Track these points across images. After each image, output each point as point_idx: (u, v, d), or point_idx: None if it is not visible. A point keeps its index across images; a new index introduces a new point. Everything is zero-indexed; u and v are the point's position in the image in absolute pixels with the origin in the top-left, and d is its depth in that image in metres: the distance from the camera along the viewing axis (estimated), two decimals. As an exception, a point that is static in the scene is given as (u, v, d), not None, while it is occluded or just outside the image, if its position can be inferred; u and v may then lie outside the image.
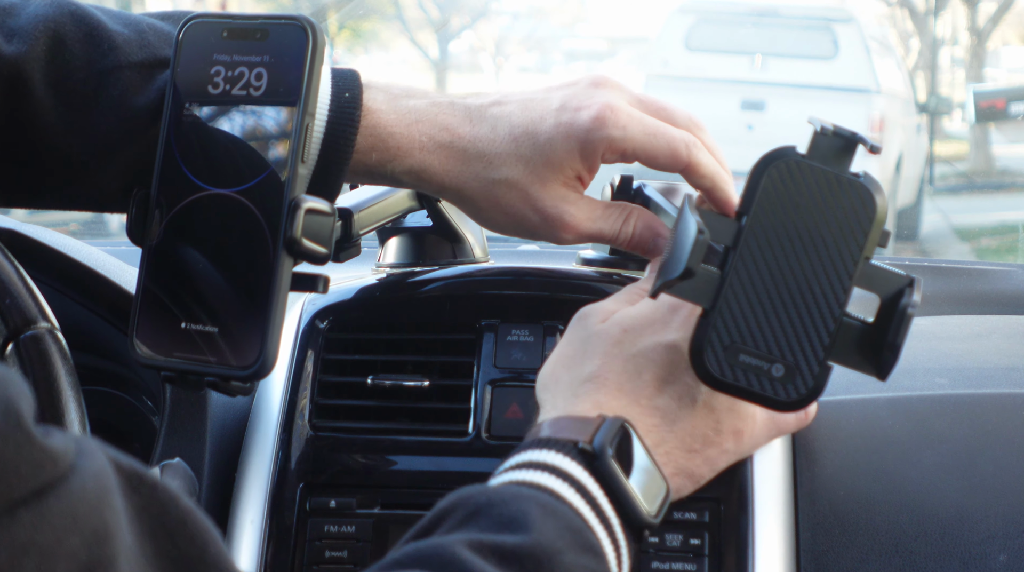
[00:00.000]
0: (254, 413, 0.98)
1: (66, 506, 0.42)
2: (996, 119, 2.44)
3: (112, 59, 0.80)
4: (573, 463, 0.71)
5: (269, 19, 0.78)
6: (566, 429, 0.73)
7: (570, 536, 0.67)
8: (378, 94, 0.82)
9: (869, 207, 0.73)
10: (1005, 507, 0.85)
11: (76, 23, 0.81)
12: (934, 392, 0.95)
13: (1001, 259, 5.62)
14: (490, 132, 0.82)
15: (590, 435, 0.72)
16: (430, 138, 0.82)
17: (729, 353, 0.72)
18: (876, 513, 0.85)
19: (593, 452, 0.71)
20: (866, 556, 0.84)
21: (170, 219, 0.78)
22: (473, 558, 0.62)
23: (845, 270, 0.72)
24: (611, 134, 0.81)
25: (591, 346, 0.78)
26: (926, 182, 7.70)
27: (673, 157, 0.82)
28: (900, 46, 9.90)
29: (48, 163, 0.81)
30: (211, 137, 0.77)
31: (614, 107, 0.81)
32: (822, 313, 0.72)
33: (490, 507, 0.67)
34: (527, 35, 13.97)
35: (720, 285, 0.72)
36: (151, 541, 0.46)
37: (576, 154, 0.82)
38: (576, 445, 0.72)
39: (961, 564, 0.83)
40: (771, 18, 7.98)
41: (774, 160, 0.73)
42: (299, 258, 0.76)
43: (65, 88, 0.80)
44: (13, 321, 0.80)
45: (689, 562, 0.84)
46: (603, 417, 0.73)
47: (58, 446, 0.44)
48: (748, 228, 0.73)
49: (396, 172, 0.82)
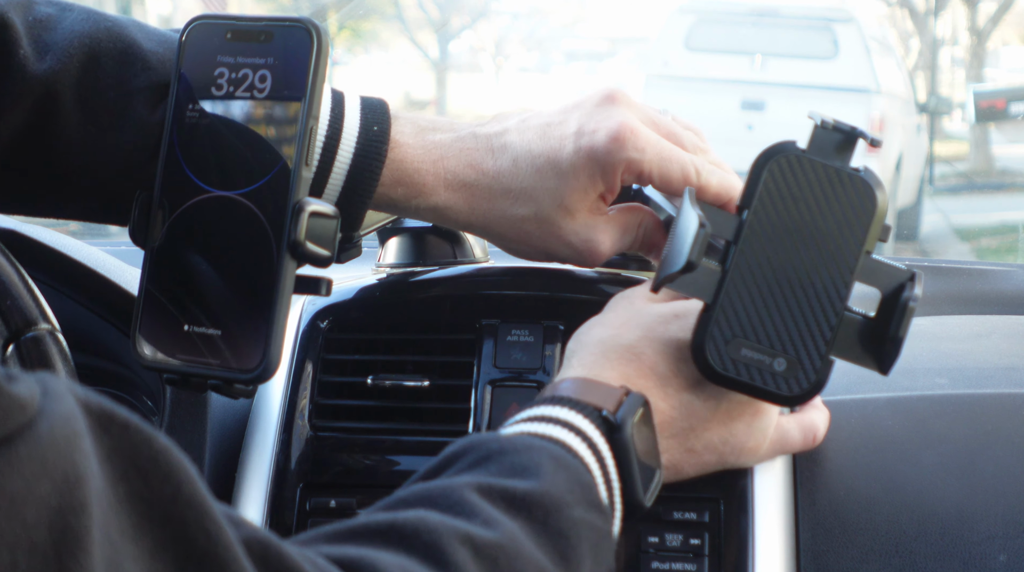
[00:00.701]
0: (254, 413, 0.98)
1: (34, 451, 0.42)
2: (996, 119, 2.44)
3: (144, 78, 0.80)
4: (592, 426, 0.71)
5: (273, 21, 0.78)
6: (590, 393, 0.73)
7: (579, 490, 0.67)
8: (405, 126, 0.83)
9: (869, 201, 0.73)
10: (1005, 507, 0.85)
11: (112, 40, 0.80)
12: (934, 392, 0.95)
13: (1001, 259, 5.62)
14: (512, 166, 0.83)
15: (615, 405, 0.72)
16: (455, 176, 0.83)
17: (731, 348, 0.72)
18: (876, 513, 0.85)
19: (615, 423, 0.71)
20: (866, 556, 0.84)
21: (173, 221, 0.78)
22: (480, 501, 0.62)
23: (846, 264, 0.72)
24: (630, 156, 0.81)
25: (636, 318, 0.78)
26: (926, 182, 7.70)
27: (685, 180, 0.82)
28: (900, 46, 9.89)
29: (70, 179, 0.81)
30: (215, 139, 0.78)
31: (632, 128, 0.81)
32: (823, 307, 0.72)
33: (502, 454, 0.67)
34: (527, 35, 13.97)
35: (721, 280, 0.72)
36: (123, 482, 0.45)
37: (598, 177, 0.82)
38: (600, 412, 0.71)
39: (961, 564, 0.83)
40: (771, 18, 7.98)
41: (775, 155, 0.73)
42: (303, 261, 0.76)
43: (93, 107, 0.80)
44: (14, 322, 0.80)
45: (689, 562, 0.84)
46: (627, 390, 0.73)
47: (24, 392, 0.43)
48: (749, 223, 0.73)
49: (421, 208, 0.83)
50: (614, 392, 0.73)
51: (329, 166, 0.80)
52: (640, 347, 0.77)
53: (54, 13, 0.81)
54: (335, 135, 0.80)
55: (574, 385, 0.74)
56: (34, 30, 0.80)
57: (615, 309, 0.80)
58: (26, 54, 0.79)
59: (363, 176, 0.81)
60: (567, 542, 0.64)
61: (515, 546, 0.61)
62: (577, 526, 0.65)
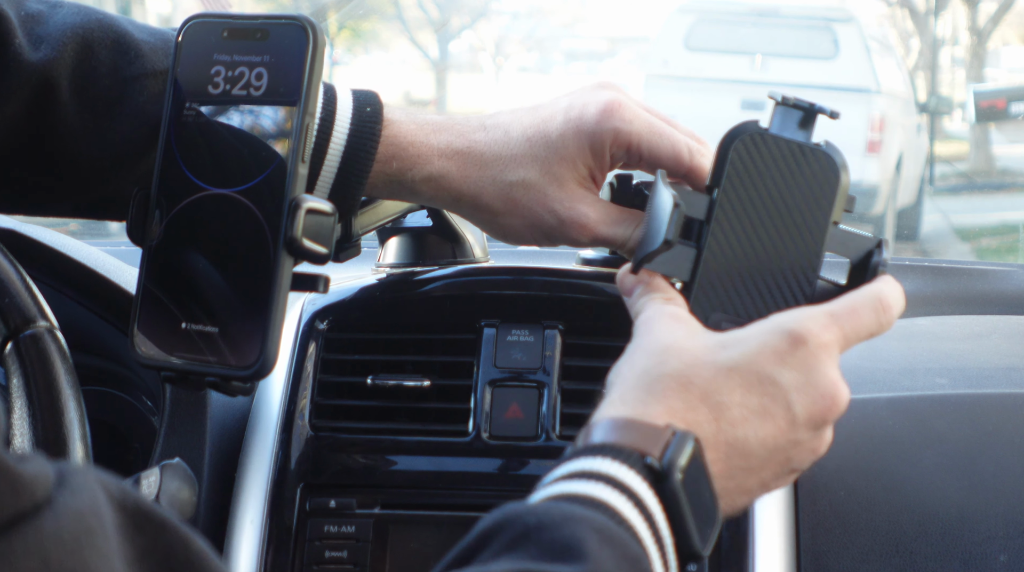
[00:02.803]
0: (254, 413, 0.98)
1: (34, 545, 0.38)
2: (996, 119, 2.44)
3: (138, 66, 0.81)
4: (638, 478, 0.63)
5: (269, 19, 0.78)
6: (631, 436, 0.65)
7: (628, 567, 0.59)
8: (396, 110, 0.84)
9: (833, 174, 0.75)
10: (1005, 507, 0.85)
11: (103, 30, 0.81)
12: (934, 392, 0.95)
13: (1001, 259, 5.62)
14: (504, 136, 0.84)
15: (661, 449, 0.64)
16: (448, 145, 0.83)
17: (711, 324, 0.73)
18: (876, 513, 0.85)
19: (661, 471, 0.64)
20: (866, 556, 0.84)
21: (170, 219, 0.78)
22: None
23: (815, 235, 0.74)
24: (617, 126, 0.82)
25: (681, 342, 0.70)
26: (926, 182, 7.70)
27: (676, 158, 0.82)
28: (900, 46, 9.90)
29: (67, 170, 0.81)
30: (211, 137, 0.77)
31: (621, 102, 0.83)
32: (797, 279, 0.74)
33: (540, 530, 0.59)
34: (527, 35, 13.97)
35: (697, 258, 0.73)
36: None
37: (587, 148, 0.83)
38: (644, 459, 0.64)
39: (961, 564, 0.83)
40: (771, 18, 7.98)
41: (739, 134, 0.75)
42: (299, 258, 0.76)
43: (90, 95, 0.80)
44: (12, 320, 0.80)
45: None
46: (673, 430, 0.65)
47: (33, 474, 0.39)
48: (719, 201, 0.74)
49: (416, 180, 0.83)
50: (659, 433, 0.65)
51: (325, 146, 0.81)
52: (687, 374, 0.68)
53: (44, 9, 0.82)
54: (329, 116, 0.81)
55: (613, 427, 0.66)
56: (27, 23, 0.80)
57: (651, 332, 0.71)
58: (21, 44, 0.79)
59: (359, 154, 0.82)
60: None
61: None
62: None
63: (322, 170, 0.81)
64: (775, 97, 0.76)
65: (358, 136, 0.81)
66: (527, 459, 0.94)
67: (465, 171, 0.84)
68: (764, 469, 0.69)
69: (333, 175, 0.82)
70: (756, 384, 0.68)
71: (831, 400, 0.69)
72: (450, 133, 0.84)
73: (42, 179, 0.82)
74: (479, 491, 0.93)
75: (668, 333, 0.71)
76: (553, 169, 0.83)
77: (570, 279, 0.99)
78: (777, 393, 0.68)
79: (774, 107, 0.76)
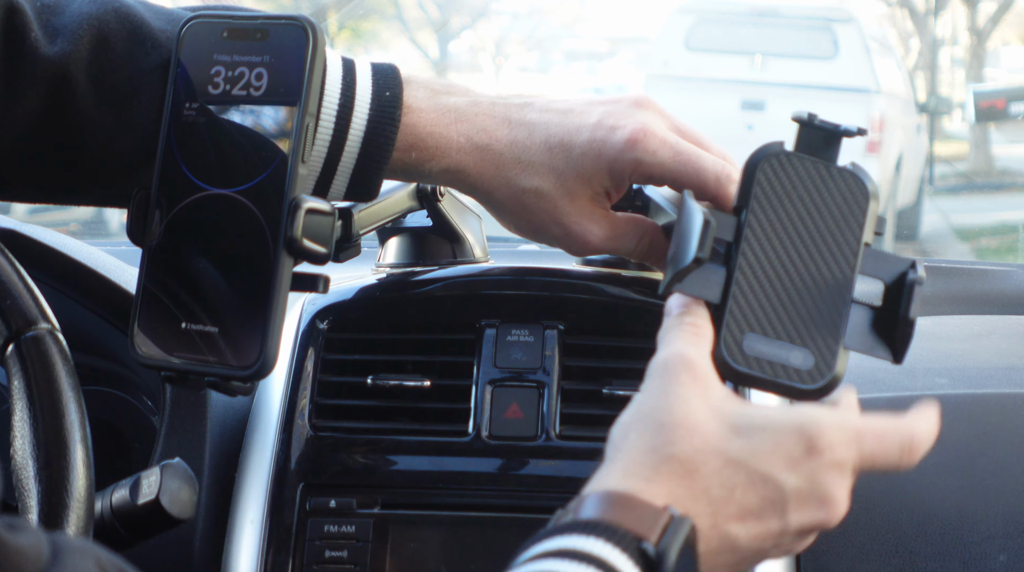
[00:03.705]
0: (254, 413, 0.98)
1: None
2: (996, 119, 2.44)
3: (155, 57, 0.80)
4: (630, 562, 0.60)
5: (269, 19, 0.78)
6: (628, 516, 0.62)
7: None
8: (418, 91, 0.83)
9: (862, 195, 0.74)
10: (1005, 507, 0.85)
11: (120, 20, 0.80)
12: (934, 392, 0.95)
13: (1001, 259, 5.61)
14: (527, 139, 0.83)
15: (658, 535, 0.61)
16: (468, 139, 0.83)
17: (746, 346, 0.72)
18: (876, 512, 0.85)
19: (655, 558, 0.61)
20: (866, 555, 0.84)
21: (170, 219, 0.78)
22: None
23: (848, 257, 0.73)
24: (640, 157, 0.81)
25: (699, 422, 0.66)
26: (926, 182, 7.70)
27: (701, 187, 0.81)
28: (900, 46, 9.89)
29: (91, 163, 0.81)
30: (211, 137, 0.78)
31: (648, 131, 0.81)
32: (832, 300, 0.73)
33: None
34: (527, 35, 13.96)
35: (727, 280, 0.73)
36: None
37: (605, 173, 0.82)
38: (639, 543, 0.60)
39: (961, 564, 0.83)
40: (771, 18, 7.98)
41: (765, 155, 0.75)
42: (299, 258, 0.76)
43: (108, 87, 0.79)
44: (14, 322, 0.80)
45: (689, 562, 0.84)
46: (671, 515, 0.62)
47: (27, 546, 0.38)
48: (748, 222, 0.73)
49: (433, 171, 0.83)
50: (657, 515, 0.61)
51: (344, 134, 0.80)
52: (695, 462, 0.64)
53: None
54: (348, 103, 0.80)
55: (611, 502, 0.62)
56: (43, 15, 0.80)
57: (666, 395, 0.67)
58: (37, 37, 0.78)
59: (378, 143, 0.81)
60: None
61: None
62: None
63: (342, 157, 0.81)
64: (801, 117, 0.75)
65: (377, 122, 0.80)
66: (527, 459, 0.94)
67: (481, 168, 0.83)
68: (743, 561, 0.67)
69: (353, 162, 0.81)
70: (760, 484, 0.65)
71: (827, 516, 0.67)
72: (471, 124, 0.83)
73: (65, 173, 0.82)
74: (479, 491, 0.94)
75: (683, 403, 0.66)
76: (568, 184, 0.83)
77: (570, 279, 0.99)
78: (777, 498, 0.66)
79: (799, 128, 0.75)
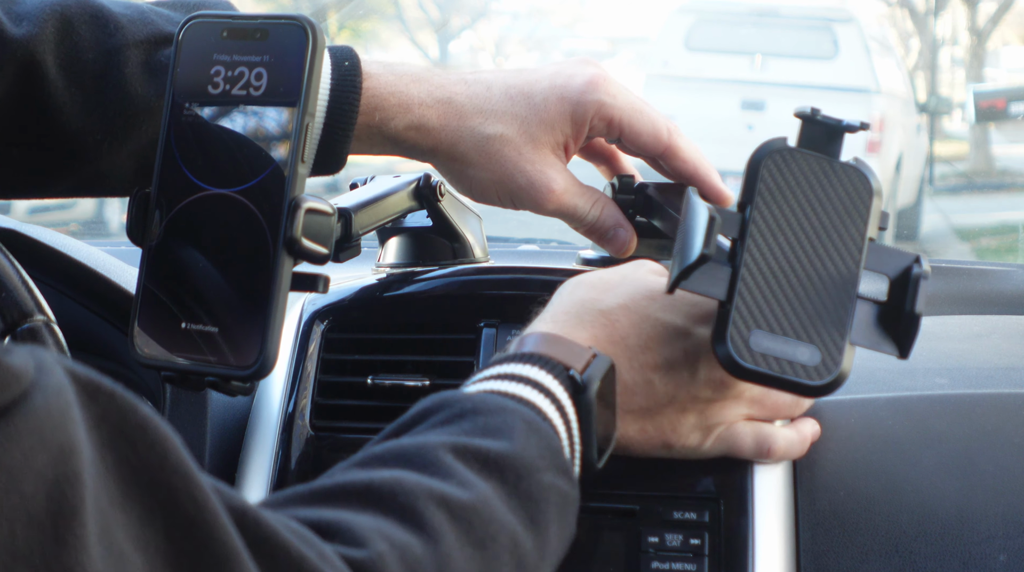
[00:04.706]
0: (254, 413, 0.98)
1: (32, 424, 0.42)
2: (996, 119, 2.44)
3: (119, 38, 0.82)
4: (561, 387, 0.71)
5: (269, 19, 0.78)
6: (558, 350, 0.73)
7: (549, 456, 0.67)
8: (373, 63, 0.85)
9: (865, 189, 0.74)
10: (1005, 507, 0.85)
11: (80, 5, 0.82)
12: (934, 392, 0.95)
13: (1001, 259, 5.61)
14: (485, 91, 0.86)
15: (583, 365, 0.72)
16: (428, 94, 0.85)
17: (752, 342, 0.72)
18: (876, 513, 0.85)
19: (581, 384, 0.71)
20: (866, 556, 0.84)
21: (170, 219, 0.78)
22: (455, 462, 0.63)
23: (853, 252, 0.73)
24: (602, 98, 0.85)
25: (623, 287, 0.78)
26: (926, 182, 7.69)
27: (655, 135, 0.86)
28: (900, 46, 9.89)
29: (63, 145, 0.82)
30: (211, 137, 0.78)
31: (606, 77, 0.86)
32: (837, 296, 0.73)
33: (475, 413, 0.67)
34: (527, 35, 13.95)
35: (733, 276, 0.73)
36: (111, 450, 0.45)
37: (568, 116, 0.85)
38: (568, 371, 0.71)
39: (961, 564, 0.83)
40: (771, 18, 7.98)
41: (769, 150, 0.75)
42: (299, 258, 0.76)
43: (76, 68, 0.81)
44: (9, 314, 0.80)
45: (689, 562, 0.84)
46: (594, 353, 0.73)
47: (19, 363, 0.43)
48: (753, 218, 0.73)
49: (398, 128, 0.85)
50: (583, 352, 0.73)
51: None
52: (616, 315, 0.77)
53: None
54: None
55: (543, 341, 0.74)
56: (4, 3, 0.82)
57: (611, 272, 0.80)
58: (2, 21, 0.80)
59: (342, 109, 0.83)
60: (536, 506, 0.64)
61: (488, 509, 0.62)
62: (546, 491, 0.65)
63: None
64: (803, 113, 0.76)
65: (340, 91, 0.82)
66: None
67: (445, 120, 0.85)
68: (663, 416, 0.78)
69: (319, 132, 0.82)
70: (672, 336, 0.77)
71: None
72: (430, 83, 0.85)
73: (37, 157, 0.83)
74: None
75: (620, 277, 0.79)
76: (532, 129, 0.85)
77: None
78: (689, 348, 0.77)
79: (802, 123, 0.76)
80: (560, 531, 0.67)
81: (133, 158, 0.83)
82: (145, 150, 0.82)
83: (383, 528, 0.57)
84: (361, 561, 0.55)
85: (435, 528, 0.59)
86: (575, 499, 0.69)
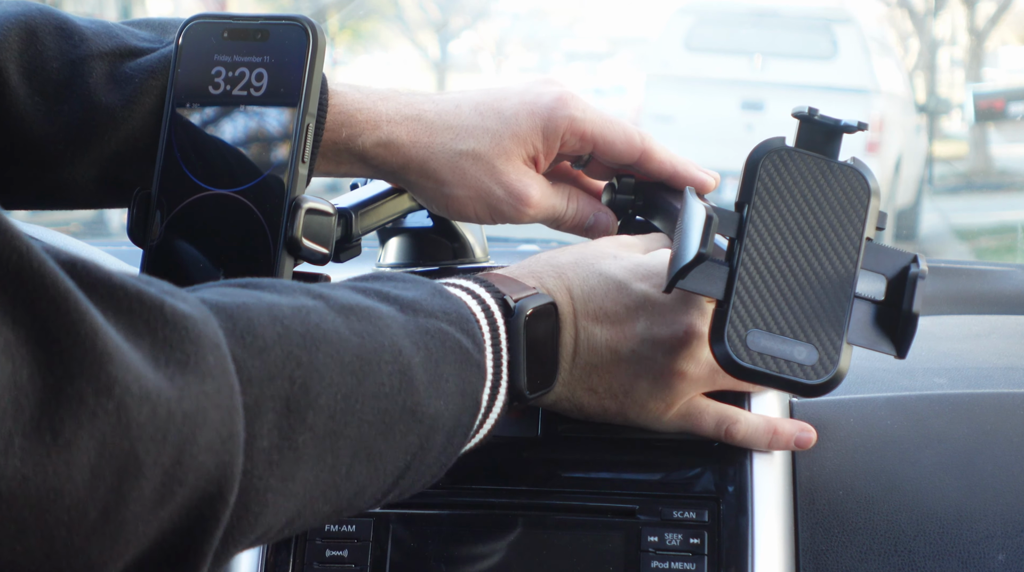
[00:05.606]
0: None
1: None
2: (995, 119, 2.45)
3: (83, 49, 0.81)
4: (493, 301, 0.72)
5: (270, 20, 0.78)
6: (501, 282, 0.75)
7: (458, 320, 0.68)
8: (339, 84, 0.85)
9: (863, 189, 0.75)
10: (1004, 507, 0.85)
11: (45, 16, 0.82)
12: (933, 392, 0.95)
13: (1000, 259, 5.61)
14: (454, 108, 0.86)
15: (520, 296, 0.74)
16: (396, 111, 0.85)
17: (749, 341, 0.72)
18: (875, 512, 0.85)
19: (513, 307, 0.73)
20: (865, 555, 0.84)
21: (171, 219, 0.78)
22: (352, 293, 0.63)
23: (851, 251, 0.73)
24: (572, 114, 0.85)
25: (578, 247, 0.82)
26: (925, 182, 7.69)
27: (628, 142, 0.86)
28: (899, 46, 9.89)
29: (22, 155, 0.82)
30: (212, 137, 0.78)
31: (573, 94, 0.86)
32: (835, 295, 0.73)
33: (392, 280, 0.68)
34: (527, 35, 13.96)
35: (731, 275, 0.73)
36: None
37: (539, 131, 0.85)
38: (503, 295, 0.73)
39: (960, 563, 0.83)
40: (771, 18, 7.97)
41: (767, 150, 0.75)
42: (300, 258, 0.76)
43: (39, 78, 0.81)
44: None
45: (689, 562, 0.84)
46: (536, 290, 0.76)
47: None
48: (751, 218, 0.73)
49: (366, 145, 0.84)
50: (523, 286, 0.75)
51: None
52: (565, 268, 0.79)
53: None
54: None
55: (495, 277, 0.76)
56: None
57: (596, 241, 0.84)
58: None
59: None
60: (436, 341, 0.65)
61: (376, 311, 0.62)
62: (447, 337, 0.66)
63: None
64: (801, 113, 0.76)
65: None
66: (528, 457, 0.94)
67: (414, 137, 0.85)
68: (612, 376, 0.78)
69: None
70: (615, 291, 0.78)
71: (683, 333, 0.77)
72: (397, 102, 0.85)
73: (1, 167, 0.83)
74: (479, 490, 0.93)
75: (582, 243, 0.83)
76: (503, 143, 0.85)
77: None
78: (631, 304, 0.78)
79: (800, 123, 0.76)
80: (461, 396, 0.66)
81: (95, 167, 0.82)
82: (107, 161, 0.82)
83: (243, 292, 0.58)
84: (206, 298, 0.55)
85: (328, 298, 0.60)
86: (481, 372, 0.69)
